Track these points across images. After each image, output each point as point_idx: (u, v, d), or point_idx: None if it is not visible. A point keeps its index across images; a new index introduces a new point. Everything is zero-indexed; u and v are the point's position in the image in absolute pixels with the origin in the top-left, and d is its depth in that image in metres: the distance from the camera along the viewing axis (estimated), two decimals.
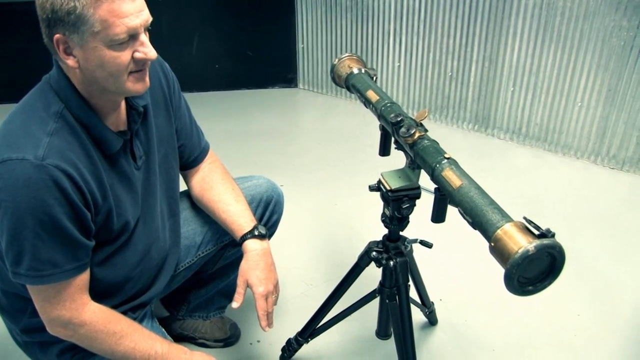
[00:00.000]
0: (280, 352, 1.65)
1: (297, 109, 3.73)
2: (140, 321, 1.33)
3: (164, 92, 1.32)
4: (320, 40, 3.66)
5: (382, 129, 1.34)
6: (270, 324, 1.35)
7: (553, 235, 0.85)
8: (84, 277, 1.13)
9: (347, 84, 1.48)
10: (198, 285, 1.68)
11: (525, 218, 0.90)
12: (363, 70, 1.47)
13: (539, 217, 2.32)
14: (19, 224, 1.01)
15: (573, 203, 2.53)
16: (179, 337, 1.72)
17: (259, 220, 1.55)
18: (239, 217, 1.40)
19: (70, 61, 1.03)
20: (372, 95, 1.35)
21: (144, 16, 1.03)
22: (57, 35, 1.00)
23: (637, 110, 2.64)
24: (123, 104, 1.18)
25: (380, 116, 1.30)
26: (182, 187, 1.47)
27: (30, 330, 1.26)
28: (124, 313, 1.29)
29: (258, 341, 1.77)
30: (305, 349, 1.64)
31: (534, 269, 0.88)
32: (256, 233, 1.37)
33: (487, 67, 3.06)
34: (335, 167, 2.86)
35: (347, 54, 1.54)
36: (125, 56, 1.03)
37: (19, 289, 1.19)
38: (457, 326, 1.83)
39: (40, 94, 1.10)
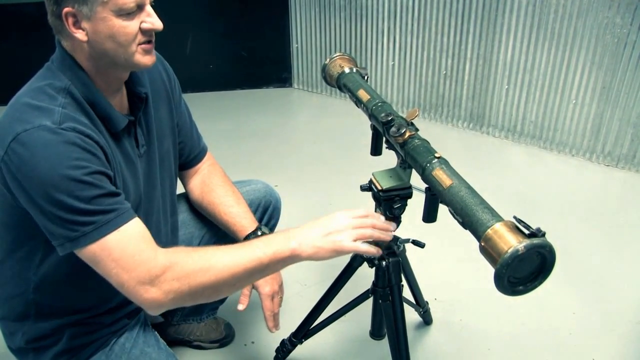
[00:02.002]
0: (274, 353, 1.65)
1: (291, 108, 3.72)
2: (133, 327, 1.32)
3: (165, 86, 1.32)
4: (314, 39, 3.66)
5: (373, 128, 1.33)
6: (276, 325, 1.35)
7: (543, 235, 0.84)
8: (139, 223, 1.06)
9: (339, 84, 1.48)
10: None
11: (515, 217, 0.89)
12: (354, 70, 1.46)
13: (534, 214, 2.33)
14: (54, 189, 0.97)
15: (568, 200, 2.53)
16: (173, 342, 1.71)
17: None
18: (241, 218, 1.40)
19: (80, 34, 1.03)
20: (363, 94, 1.34)
21: None
22: (66, 9, 1.01)
23: (632, 107, 2.64)
24: (124, 90, 1.19)
25: (371, 115, 1.29)
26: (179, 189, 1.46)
27: (33, 337, 1.24)
28: (119, 319, 1.27)
29: (252, 342, 1.76)
30: (300, 350, 1.63)
31: (524, 269, 0.87)
32: (259, 233, 1.37)
33: (481, 65, 3.06)
34: (330, 166, 2.85)
35: (338, 54, 1.54)
36: (134, 25, 1.05)
37: (27, 289, 1.17)
38: (452, 325, 1.83)
39: (44, 75, 1.09)
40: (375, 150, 1.36)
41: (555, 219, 2.38)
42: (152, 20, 1.08)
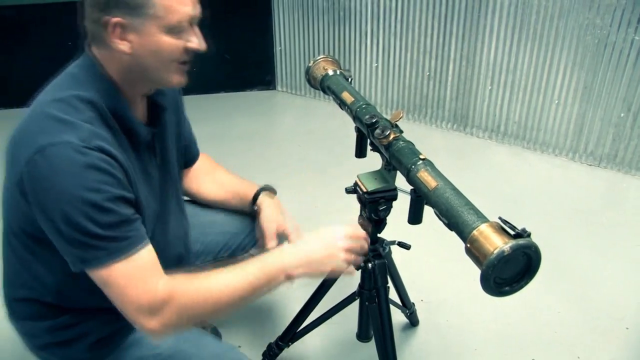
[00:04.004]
0: (261, 357, 1.64)
1: (275, 111, 3.71)
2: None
3: (174, 92, 1.32)
4: (297, 42, 3.65)
5: (358, 130, 1.33)
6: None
7: (529, 235, 0.85)
8: (149, 251, 1.04)
9: (323, 86, 1.47)
10: None
11: (500, 218, 0.90)
12: (338, 72, 1.46)
13: (518, 214, 2.34)
14: (72, 210, 0.95)
15: (552, 200, 2.55)
16: None
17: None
18: (243, 183, 1.48)
19: (124, 46, 1.02)
20: (347, 96, 1.34)
21: (199, 8, 1.07)
22: (115, 19, 0.99)
23: (613, 107, 2.67)
24: (145, 100, 1.18)
25: (355, 117, 1.29)
26: None
27: (60, 333, 1.20)
28: (126, 326, 1.24)
29: (239, 346, 1.75)
30: (286, 353, 1.62)
31: (510, 270, 0.87)
32: (267, 189, 1.45)
33: (464, 66, 3.07)
34: (315, 168, 2.85)
35: (322, 56, 1.53)
36: (180, 44, 1.05)
37: (47, 292, 1.15)
38: (439, 326, 1.83)
39: (68, 84, 1.05)
40: (360, 153, 1.35)
41: (539, 219, 2.39)
42: (198, 41, 1.08)
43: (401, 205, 1.27)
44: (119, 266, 0.99)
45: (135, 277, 1.01)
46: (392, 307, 1.46)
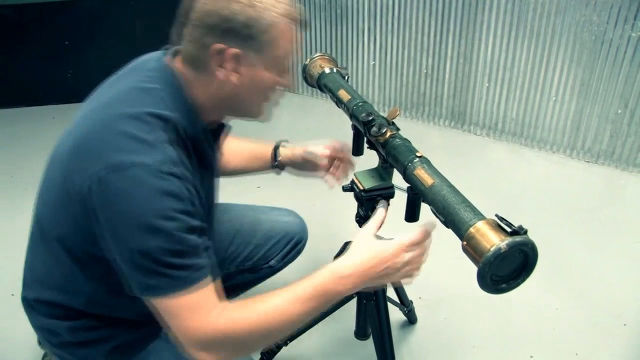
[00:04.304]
0: (259, 356, 1.64)
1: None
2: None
3: None
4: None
5: (354, 128, 1.33)
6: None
7: (525, 232, 0.85)
8: (211, 283, 1.00)
9: (319, 84, 1.47)
10: None
11: (497, 215, 0.90)
12: (335, 70, 1.46)
13: (516, 211, 2.34)
14: (144, 235, 0.91)
15: (550, 197, 2.55)
16: None
17: (283, 255, 1.62)
18: (256, 144, 1.48)
19: (233, 77, 1.00)
20: (343, 94, 1.34)
21: None
22: (232, 50, 0.97)
23: (610, 104, 2.67)
24: None
25: (351, 116, 1.29)
26: None
27: (85, 334, 1.17)
28: (147, 335, 1.23)
29: None
30: (285, 352, 1.62)
31: (507, 267, 0.87)
32: (283, 141, 1.51)
33: (461, 63, 3.07)
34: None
35: (318, 54, 1.53)
36: (279, 82, 1.07)
37: (78, 300, 1.11)
38: (437, 324, 1.83)
39: (142, 100, 0.99)
40: (357, 151, 1.35)
41: (537, 216, 2.39)
42: (290, 81, 1.10)
43: (398, 203, 1.27)
44: (184, 297, 0.95)
45: (198, 309, 0.96)
46: (390, 304, 1.46)
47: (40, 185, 1.12)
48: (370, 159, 1.38)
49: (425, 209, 1.10)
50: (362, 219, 1.32)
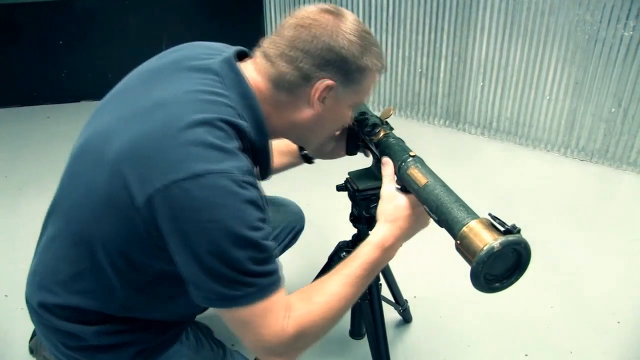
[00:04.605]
0: (254, 356, 1.64)
1: None
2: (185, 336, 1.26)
3: None
4: None
5: (348, 127, 1.33)
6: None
7: (519, 231, 0.85)
8: (284, 289, 0.98)
9: None
10: None
11: (490, 214, 0.90)
12: None
13: (510, 210, 2.35)
14: (230, 245, 0.88)
15: (544, 196, 2.56)
16: None
17: (285, 245, 1.63)
18: (278, 141, 1.31)
19: (318, 105, 1.01)
20: None
21: None
22: (327, 81, 0.98)
23: (603, 103, 2.68)
24: None
25: None
26: None
27: (107, 338, 1.12)
28: (170, 339, 1.21)
29: (232, 345, 1.75)
30: None
31: (500, 266, 0.87)
32: None
33: (456, 62, 3.08)
34: (306, 166, 2.84)
35: None
36: (348, 120, 1.13)
37: (109, 306, 1.07)
38: (432, 323, 1.83)
39: (208, 106, 0.94)
40: (350, 150, 1.35)
41: (531, 214, 2.40)
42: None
43: None
44: (258, 305, 0.92)
45: (271, 316, 0.94)
46: (385, 304, 1.47)
47: (66, 182, 1.06)
48: (363, 158, 1.39)
49: None
50: (356, 219, 1.32)
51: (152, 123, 0.92)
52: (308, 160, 1.42)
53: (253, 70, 1.04)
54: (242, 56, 1.10)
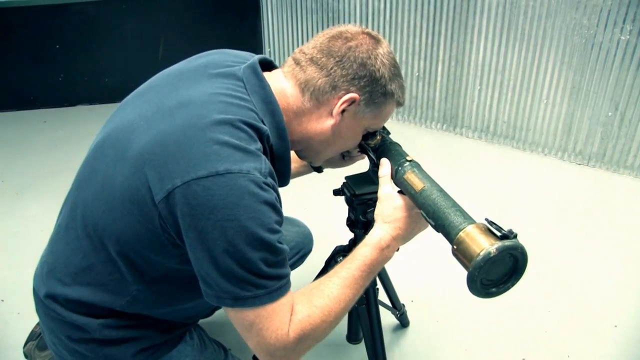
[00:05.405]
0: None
1: None
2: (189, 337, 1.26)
3: None
4: (286, 43, 3.64)
5: None
6: None
7: (515, 236, 0.85)
8: (291, 293, 1.00)
9: None
10: None
11: (487, 219, 0.90)
12: None
13: (508, 214, 2.35)
14: (247, 246, 0.88)
15: (542, 200, 2.56)
16: None
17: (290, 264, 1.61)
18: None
19: (337, 118, 1.04)
20: None
21: None
22: (353, 94, 1.02)
23: (601, 106, 2.68)
24: None
25: None
26: None
27: (115, 332, 1.12)
28: (175, 338, 1.21)
29: (229, 349, 1.74)
30: None
31: (497, 271, 0.87)
32: None
33: (453, 66, 3.08)
34: None
35: None
36: (357, 144, 1.15)
37: (121, 301, 1.07)
38: (429, 327, 1.83)
39: (228, 107, 0.95)
40: (347, 154, 1.35)
41: (529, 218, 2.40)
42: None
43: None
44: (267, 308, 0.93)
45: (276, 319, 0.95)
46: (382, 308, 1.46)
47: (82, 176, 1.06)
48: (360, 163, 1.39)
49: None
50: (353, 223, 1.32)
51: (175, 122, 0.93)
52: (317, 169, 1.41)
53: (281, 76, 1.06)
54: (268, 66, 1.11)
